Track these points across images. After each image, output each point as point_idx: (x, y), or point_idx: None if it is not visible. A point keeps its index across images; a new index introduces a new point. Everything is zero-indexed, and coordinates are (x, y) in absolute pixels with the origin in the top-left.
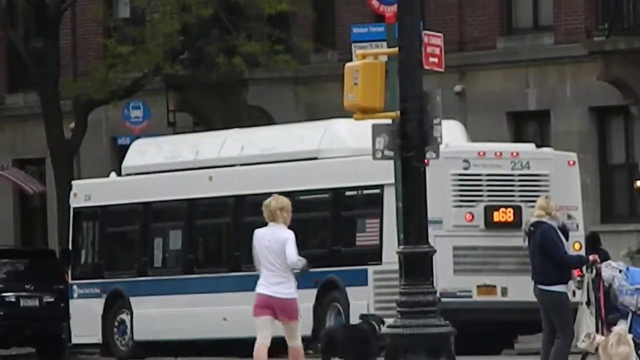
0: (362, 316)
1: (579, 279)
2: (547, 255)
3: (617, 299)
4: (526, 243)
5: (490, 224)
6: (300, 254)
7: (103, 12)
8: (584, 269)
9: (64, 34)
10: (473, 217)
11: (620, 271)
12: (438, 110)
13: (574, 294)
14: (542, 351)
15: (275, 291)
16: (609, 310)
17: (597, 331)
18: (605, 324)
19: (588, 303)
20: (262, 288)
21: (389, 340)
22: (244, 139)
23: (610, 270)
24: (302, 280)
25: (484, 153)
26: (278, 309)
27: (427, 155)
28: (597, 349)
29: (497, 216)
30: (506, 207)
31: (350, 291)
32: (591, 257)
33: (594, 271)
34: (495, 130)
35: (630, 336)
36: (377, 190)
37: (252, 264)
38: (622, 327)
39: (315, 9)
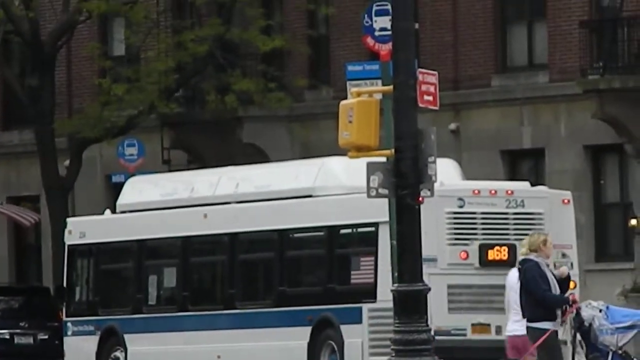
0: None
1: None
2: (530, 293)
3: (597, 339)
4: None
5: (485, 262)
6: (294, 293)
7: (98, 50)
8: (565, 307)
9: (59, 72)
10: (468, 255)
11: (600, 310)
12: (433, 149)
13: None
14: None
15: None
16: (590, 350)
17: None
18: None
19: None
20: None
21: None
22: (238, 176)
23: (590, 310)
24: (296, 317)
25: (479, 191)
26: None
27: (422, 193)
28: None
29: (492, 254)
30: (501, 245)
31: (345, 329)
32: (571, 297)
33: (574, 311)
34: (490, 168)
35: None
36: (372, 228)
37: (246, 301)
38: None
39: (310, 46)
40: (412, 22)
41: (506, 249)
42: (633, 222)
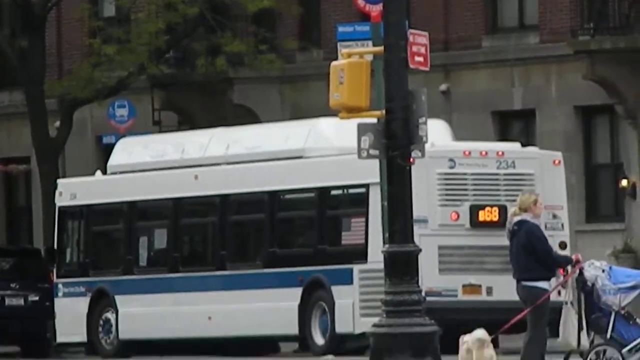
0: None
1: (562, 277)
2: (531, 253)
3: (600, 299)
4: (508, 241)
5: (476, 223)
6: (285, 254)
7: (88, 11)
8: (568, 268)
9: (49, 33)
10: (458, 216)
11: (603, 271)
12: (423, 110)
13: (559, 293)
14: (522, 350)
15: None
16: (592, 310)
17: (580, 330)
18: (588, 323)
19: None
20: None
21: (374, 339)
22: (229, 138)
23: (593, 270)
24: (287, 279)
25: (470, 152)
26: None
27: (413, 154)
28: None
29: (483, 215)
30: (491, 206)
31: (336, 290)
32: (574, 257)
33: (577, 270)
34: (481, 129)
35: (489, 338)
36: (363, 190)
37: (237, 262)
38: (481, 331)
39: (301, 8)
40: None
41: (497, 209)
42: (624, 182)
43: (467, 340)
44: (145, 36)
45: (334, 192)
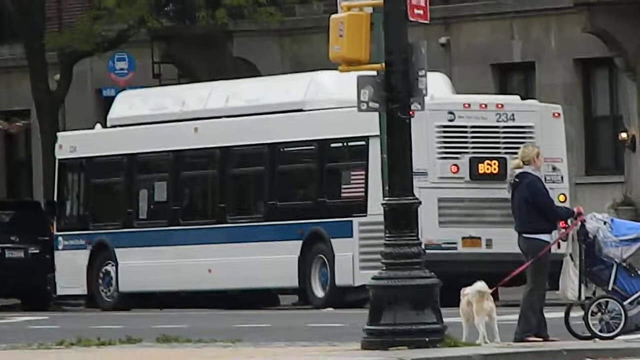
0: None
1: (563, 230)
2: (534, 205)
3: (601, 251)
4: (510, 194)
5: (475, 176)
6: (285, 206)
7: None
8: (569, 220)
9: None
10: (458, 168)
11: (604, 223)
12: (423, 62)
13: (558, 245)
14: (522, 302)
15: None
16: (593, 262)
17: (581, 282)
18: (590, 275)
19: (572, 255)
20: None
21: (374, 291)
22: (229, 90)
23: (594, 222)
24: (287, 232)
25: (469, 105)
26: None
27: (412, 107)
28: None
29: (482, 168)
30: (491, 159)
31: (336, 243)
32: (576, 209)
33: (579, 223)
34: (480, 82)
35: (489, 291)
36: (362, 142)
37: (237, 215)
38: (481, 284)
39: None
40: None
41: (496, 162)
42: (623, 135)
43: (467, 293)
44: None
45: (333, 145)
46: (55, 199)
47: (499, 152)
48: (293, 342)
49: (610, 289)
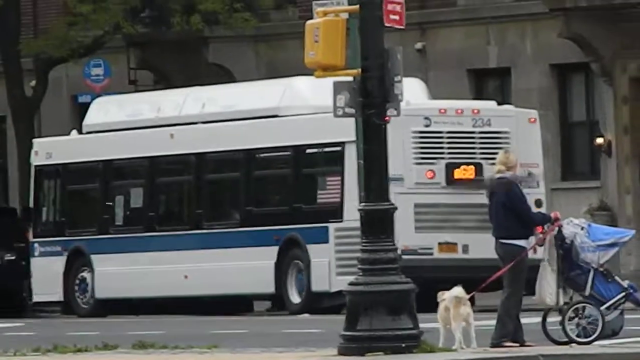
0: None
1: (540, 235)
2: (511, 211)
3: (578, 256)
4: (488, 199)
5: (451, 181)
6: (261, 212)
7: None
8: (546, 225)
9: None
10: (434, 174)
11: (582, 228)
12: (399, 68)
13: (534, 251)
14: (499, 307)
15: None
16: (571, 267)
17: (558, 288)
18: (567, 280)
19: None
20: None
21: (350, 297)
22: (204, 96)
23: (572, 228)
24: (263, 237)
25: (445, 110)
26: None
27: (388, 112)
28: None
29: (458, 173)
30: (467, 164)
31: (312, 249)
32: (553, 214)
33: (556, 228)
34: (456, 87)
35: (466, 296)
36: (338, 148)
37: (213, 221)
38: (459, 289)
39: None
40: None
41: (473, 167)
42: (599, 140)
43: (444, 299)
44: None
45: (309, 151)
46: (31, 205)
47: (474, 158)
48: (269, 348)
49: (587, 294)
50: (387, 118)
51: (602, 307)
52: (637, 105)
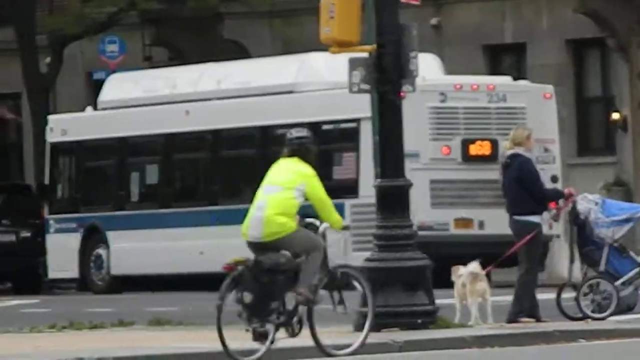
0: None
1: (554, 211)
2: (524, 187)
3: (593, 232)
4: (501, 176)
5: (467, 157)
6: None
7: None
8: (560, 201)
9: None
10: (450, 150)
11: (596, 204)
12: (414, 44)
13: (550, 226)
14: (517, 283)
15: None
16: (585, 243)
17: (572, 263)
18: (581, 256)
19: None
20: None
21: (366, 273)
22: (220, 73)
23: (586, 203)
24: None
25: (461, 86)
26: None
27: (404, 88)
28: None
29: (474, 149)
30: (483, 139)
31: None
32: (567, 190)
33: (570, 204)
34: (472, 63)
35: (483, 272)
36: (354, 124)
37: (229, 198)
38: (475, 265)
39: None
40: None
41: (488, 143)
42: (615, 116)
43: (461, 274)
44: None
45: (325, 127)
46: (46, 182)
47: (490, 133)
48: None
49: (602, 269)
50: (402, 94)
51: (617, 283)
52: None
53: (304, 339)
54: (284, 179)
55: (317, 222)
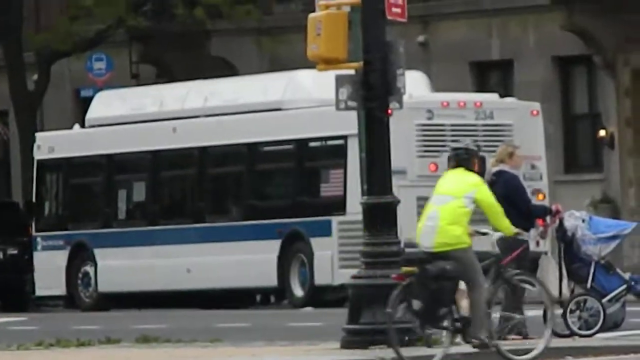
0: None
1: (541, 228)
2: (510, 203)
3: (580, 249)
4: None
5: None
6: (264, 206)
7: None
8: (547, 218)
9: None
10: (437, 167)
11: (583, 221)
12: (401, 61)
13: (537, 243)
14: (503, 300)
15: None
16: (572, 260)
17: (560, 280)
18: (568, 273)
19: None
20: None
21: (353, 290)
22: (207, 90)
23: (573, 220)
24: (266, 231)
25: (448, 103)
26: None
27: (391, 105)
28: None
29: None
30: None
31: (315, 242)
32: (554, 207)
33: (557, 221)
34: (459, 80)
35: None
36: (341, 141)
37: (216, 215)
38: (461, 282)
39: None
40: None
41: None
42: (602, 133)
43: None
44: None
45: (312, 144)
46: (33, 199)
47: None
48: (272, 341)
49: (589, 286)
50: (389, 111)
51: (604, 300)
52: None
53: None
54: (453, 188)
55: (489, 231)
